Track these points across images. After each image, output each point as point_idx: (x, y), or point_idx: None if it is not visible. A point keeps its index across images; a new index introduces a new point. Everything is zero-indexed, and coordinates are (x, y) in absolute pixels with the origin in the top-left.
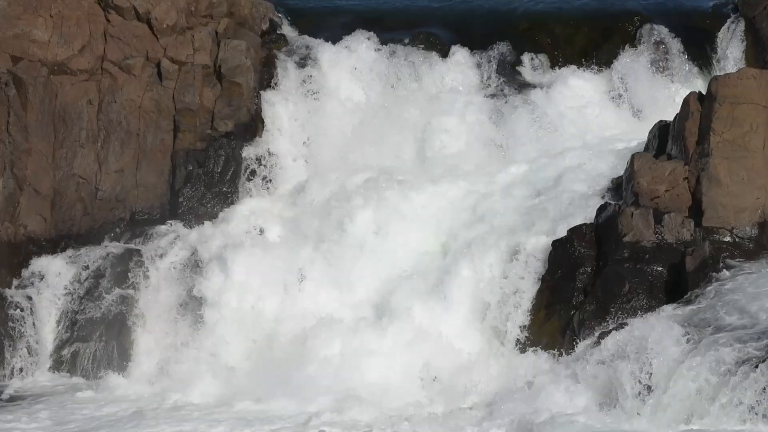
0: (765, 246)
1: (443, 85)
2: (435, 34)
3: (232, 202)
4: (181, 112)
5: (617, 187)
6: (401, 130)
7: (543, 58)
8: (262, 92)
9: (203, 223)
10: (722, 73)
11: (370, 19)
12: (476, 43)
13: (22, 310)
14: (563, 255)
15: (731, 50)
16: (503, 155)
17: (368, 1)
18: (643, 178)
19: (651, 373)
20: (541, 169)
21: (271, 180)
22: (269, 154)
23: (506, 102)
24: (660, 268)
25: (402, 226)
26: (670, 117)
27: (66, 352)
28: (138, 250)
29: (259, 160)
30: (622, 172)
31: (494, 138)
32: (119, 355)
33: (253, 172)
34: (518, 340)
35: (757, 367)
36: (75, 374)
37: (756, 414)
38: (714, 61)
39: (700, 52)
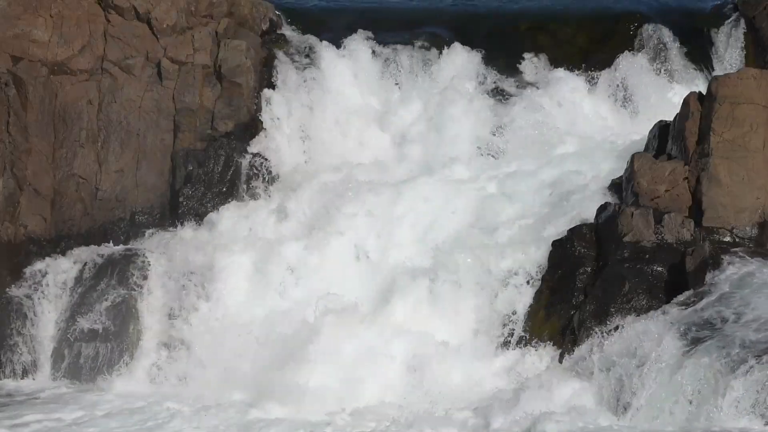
0: (765, 246)
1: (443, 85)
2: (435, 33)
3: (232, 203)
4: (181, 112)
5: (617, 187)
6: (401, 130)
7: (543, 58)
8: (262, 92)
9: (203, 223)
10: (722, 73)
11: (370, 19)
12: (476, 43)
13: (22, 310)
14: (563, 255)
15: (731, 50)
16: (502, 155)
17: (368, 1)
18: (643, 178)
19: (650, 373)
20: (540, 169)
21: (270, 180)
22: (269, 154)
23: (506, 102)
24: (660, 268)
25: (400, 226)
26: (669, 117)
27: (66, 352)
28: (138, 250)
29: (259, 160)
30: (622, 172)
31: (493, 138)
32: (119, 356)
33: (252, 173)
34: (518, 340)
35: (755, 366)
36: (75, 375)
37: (755, 414)
38: (714, 61)
39: (700, 52)
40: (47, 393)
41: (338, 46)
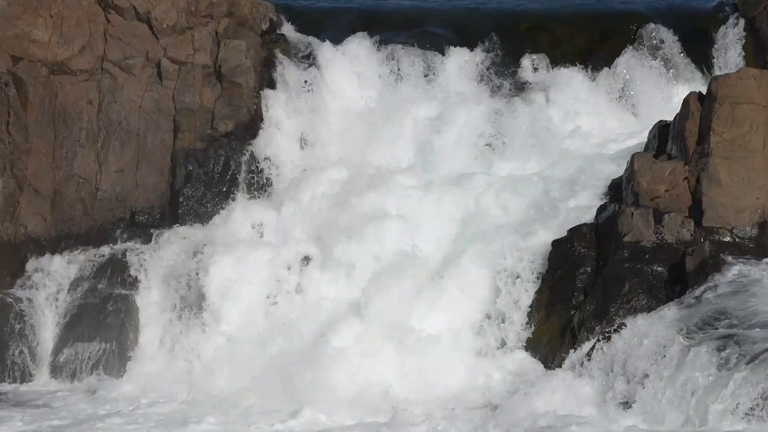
0: (765, 246)
1: (443, 85)
2: (435, 33)
3: (232, 203)
4: (181, 112)
5: (617, 187)
6: (401, 130)
7: (543, 58)
8: (262, 92)
9: (203, 223)
10: (722, 73)
11: (370, 19)
12: (476, 43)
13: (21, 310)
14: (563, 255)
15: (731, 50)
16: (503, 155)
17: (368, 1)
18: (643, 178)
19: (649, 374)
20: (540, 169)
21: (270, 180)
22: (269, 154)
23: (506, 102)
24: (660, 268)
25: (399, 225)
26: (669, 117)
27: (66, 352)
28: (138, 250)
29: (259, 160)
30: (622, 172)
31: (494, 138)
32: (119, 356)
33: (253, 172)
34: (518, 340)
35: (754, 367)
36: (74, 375)
37: (755, 415)
38: (714, 61)
39: (700, 52)
40: (45, 393)
41: (338, 46)
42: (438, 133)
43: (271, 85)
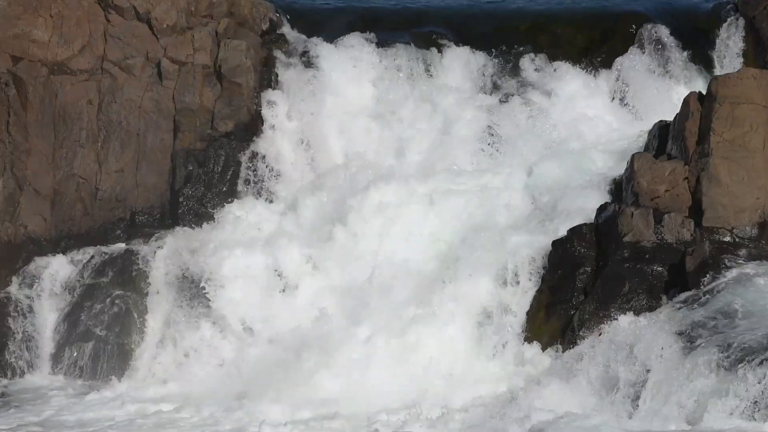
0: (765, 246)
1: (443, 85)
2: (435, 33)
3: (232, 203)
4: (181, 112)
5: (617, 187)
6: (401, 130)
7: (543, 58)
8: (262, 92)
9: (203, 224)
10: (722, 73)
11: (370, 19)
12: (476, 43)
13: (21, 310)
14: (563, 255)
15: (731, 50)
16: (502, 155)
17: (368, 1)
18: (643, 178)
19: (649, 374)
20: (540, 169)
21: (270, 180)
22: (269, 155)
23: (506, 102)
24: (660, 268)
25: (400, 225)
26: (669, 117)
27: (66, 352)
28: (138, 250)
29: (259, 160)
30: (622, 172)
31: (494, 138)
32: (119, 356)
33: (253, 173)
34: (518, 340)
35: (754, 367)
36: (74, 375)
37: (753, 415)
38: (714, 62)
39: (700, 52)
40: (44, 392)
41: (338, 46)
42: (437, 134)
43: (271, 85)
